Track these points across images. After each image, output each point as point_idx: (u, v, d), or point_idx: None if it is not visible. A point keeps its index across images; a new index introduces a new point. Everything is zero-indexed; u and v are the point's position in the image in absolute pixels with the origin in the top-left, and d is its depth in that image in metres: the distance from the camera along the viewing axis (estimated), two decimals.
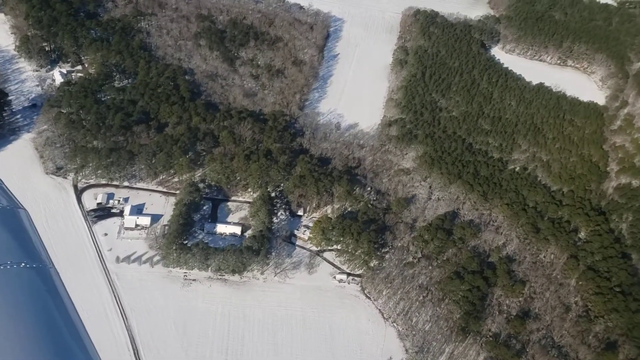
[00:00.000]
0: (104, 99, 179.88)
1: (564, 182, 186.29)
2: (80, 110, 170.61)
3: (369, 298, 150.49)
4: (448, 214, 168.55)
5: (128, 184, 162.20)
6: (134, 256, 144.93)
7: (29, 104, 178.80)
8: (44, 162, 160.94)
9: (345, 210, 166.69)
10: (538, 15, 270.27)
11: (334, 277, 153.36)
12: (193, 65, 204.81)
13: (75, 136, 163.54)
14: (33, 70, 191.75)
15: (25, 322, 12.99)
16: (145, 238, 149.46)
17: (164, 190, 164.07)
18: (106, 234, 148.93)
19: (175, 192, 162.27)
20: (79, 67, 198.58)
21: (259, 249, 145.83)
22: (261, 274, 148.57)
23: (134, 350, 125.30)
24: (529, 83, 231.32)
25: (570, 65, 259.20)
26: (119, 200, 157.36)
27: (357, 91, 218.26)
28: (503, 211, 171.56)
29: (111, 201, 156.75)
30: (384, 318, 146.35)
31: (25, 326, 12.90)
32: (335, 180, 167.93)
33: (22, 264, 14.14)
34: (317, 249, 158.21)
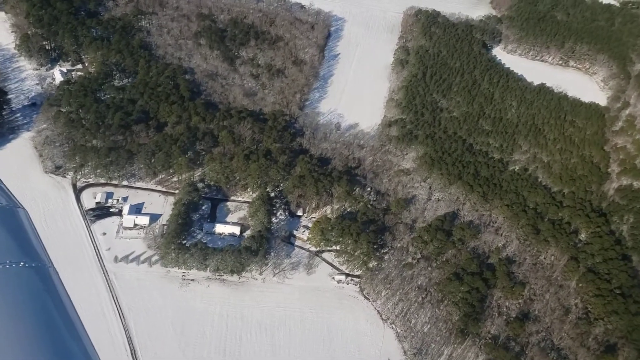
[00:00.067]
0: (103, 98, 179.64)
1: (565, 184, 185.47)
2: (80, 109, 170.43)
3: (367, 299, 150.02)
4: (448, 214, 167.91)
5: (127, 183, 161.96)
6: (132, 256, 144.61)
7: (29, 103, 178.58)
8: (43, 161, 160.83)
9: (345, 211, 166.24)
10: (540, 15, 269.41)
11: (333, 278, 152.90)
12: (193, 65, 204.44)
13: (75, 135, 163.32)
14: (33, 69, 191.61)
15: (24, 322, 12.92)
16: (143, 238, 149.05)
17: (163, 189, 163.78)
18: (105, 234, 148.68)
19: (174, 192, 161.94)
20: (79, 66, 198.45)
21: (257, 249, 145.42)
22: (260, 274, 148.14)
23: (131, 350, 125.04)
24: (530, 84, 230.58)
25: (572, 66, 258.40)
26: (118, 200, 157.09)
27: (358, 91, 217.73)
28: (503, 212, 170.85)
29: (110, 200, 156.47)
30: (382, 319, 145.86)
31: (24, 326, 12.82)
32: (334, 180, 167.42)
33: (21, 263, 14.07)
34: (316, 249, 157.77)
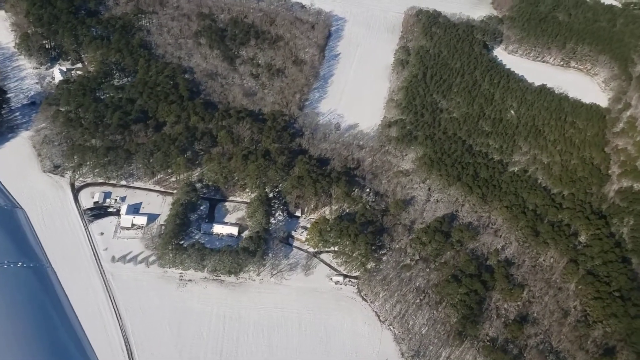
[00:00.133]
0: (102, 97, 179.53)
1: (565, 185, 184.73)
2: (79, 108, 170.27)
3: (365, 300, 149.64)
4: (446, 216, 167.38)
5: (125, 183, 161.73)
6: (129, 256, 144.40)
7: (28, 102, 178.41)
8: (41, 160, 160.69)
9: (343, 212, 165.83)
10: (541, 16, 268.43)
11: (331, 279, 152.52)
12: (193, 64, 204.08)
13: (73, 134, 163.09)
14: (33, 68, 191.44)
15: (23, 321, 12.98)
16: (141, 238, 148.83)
17: (161, 189, 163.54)
18: (102, 233, 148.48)
19: (172, 192, 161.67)
20: (79, 65, 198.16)
21: (255, 250, 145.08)
22: (257, 275, 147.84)
23: (127, 350, 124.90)
24: (531, 84, 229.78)
25: (573, 67, 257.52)
26: (116, 199, 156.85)
27: (358, 91, 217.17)
28: (502, 214, 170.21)
29: (108, 200, 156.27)
30: (380, 321, 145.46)
31: (23, 325, 12.87)
32: (333, 181, 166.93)
33: (20, 263, 14.14)
34: (314, 250, 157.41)
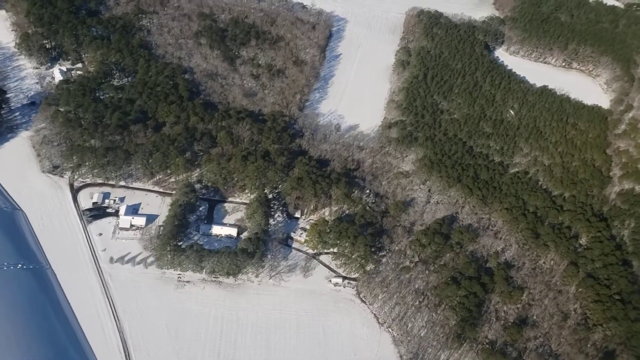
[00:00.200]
0: (102, 97, 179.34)
1: (566, 187, 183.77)
2: (78, 108, 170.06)
3: (364, 302, 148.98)
4: (446, 217, 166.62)
5: (124, 184, 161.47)
6: (128, 257, 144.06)
7: (28, 102, 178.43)
8: (40, 161, 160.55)
9: (343, 213, 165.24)
10: (543, 17, 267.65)
11: (330, 281, 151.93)
12: (193, 64, 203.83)
13: (73, 135, 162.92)
14: (33, 68, 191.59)
15: (23, 323, 12.97)
16: (140, 238, 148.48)
17: (160, 190, 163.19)
18: (101, 234, 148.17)
19: (171, 193, 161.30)
20: (79, 65, 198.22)
21: (254, 252, 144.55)
22: (256, 276, 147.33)
23: (125, 351, 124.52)
24: (532, 85, 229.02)
25: (575, 68, 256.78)
26: (115, 200, 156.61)
27: (359, 92, 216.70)
28: (502, 216, 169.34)
29: (107, 201, 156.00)
30: (379, 323, 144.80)
31: (23, 326, 12.86)
32: (333, 182, 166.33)
33: (19, 265, 14.21)
34: (314, 252, 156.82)
